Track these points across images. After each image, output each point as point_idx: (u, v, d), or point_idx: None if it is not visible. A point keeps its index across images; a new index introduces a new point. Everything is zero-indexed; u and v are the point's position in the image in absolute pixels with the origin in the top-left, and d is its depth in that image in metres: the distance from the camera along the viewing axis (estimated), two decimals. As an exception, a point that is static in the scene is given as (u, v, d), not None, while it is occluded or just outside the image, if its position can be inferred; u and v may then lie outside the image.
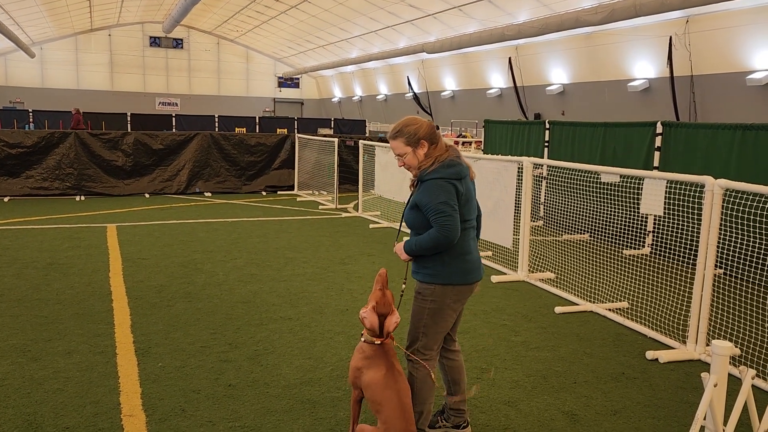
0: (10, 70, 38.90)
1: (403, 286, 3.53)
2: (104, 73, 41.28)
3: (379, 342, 3.24)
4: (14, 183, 12.89)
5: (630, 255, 8.41)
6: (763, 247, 6.22)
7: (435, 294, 3.30)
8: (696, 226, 6.15)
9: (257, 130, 20.37)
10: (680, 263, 7.59)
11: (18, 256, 7.73)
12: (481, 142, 15.39)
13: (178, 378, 4.27)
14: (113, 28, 40.92)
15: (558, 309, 6.01)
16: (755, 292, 6.24)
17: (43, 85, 39.66)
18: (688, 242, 6.95)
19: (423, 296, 3.33)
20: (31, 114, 21.10)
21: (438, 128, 3.39)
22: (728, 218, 6.30)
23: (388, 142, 3.73)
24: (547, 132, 10.93)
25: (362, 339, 3.31)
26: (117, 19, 39.41)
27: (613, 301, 6.24)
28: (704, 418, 2.46)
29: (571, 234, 9.52)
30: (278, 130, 19.71)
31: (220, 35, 43.15)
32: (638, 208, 6.61)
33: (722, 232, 5.70)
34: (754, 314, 5.76)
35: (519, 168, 7.28)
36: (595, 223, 8.78)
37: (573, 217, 9.13)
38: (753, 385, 3.54)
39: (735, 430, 2.57)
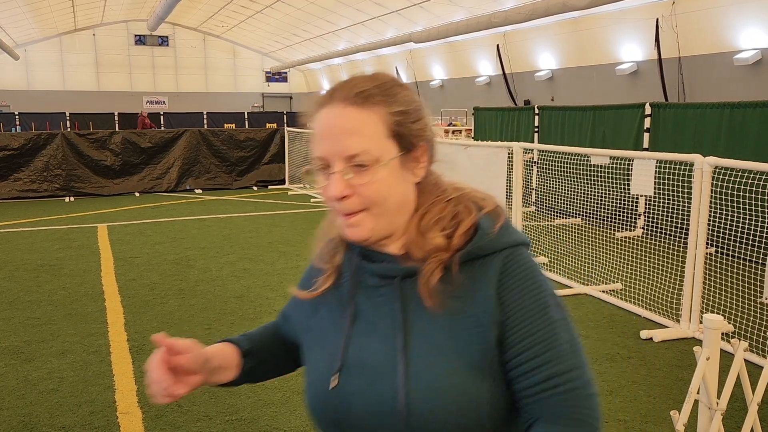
0: (-5, 74, 38.51)
1: None
2: (90, 73, 40.93)
3: None
4: (2, 186, 12.77)
5: (622, 237, 8.44)
6: (754, 224, 6.25)
7: None
8: (687, 205, 6.16)
9: (246, 126, 20.29)
10: (672, 243, 7.62)
11: (8, 258, 7.68)
12: (471, 130, 15.39)
13: (173, 374, 4.25)
14: (97, 28, 40.55)
15: (552, 292, 6.01)
16: (747, 270, 6.27)
17: (29, 88, 39.29)
18: (680, 222, 6.98)
19: None
20: (17, 117, 20.92)
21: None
22: (718, 196, 6.32)
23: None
24: (536, 117, 10.92)
25: None
26: (101, 19, 39.07)
27: (606, 283, 6.26)
28: (698, 392, 2.47)
29: (563, 218, 9.53)
30: (267, 124, 19.64)
31: (205, 31, 42.86)
32: (629, 190, 6.62)
33: (713, 211, 5.72)
34: (746, 292, 5.79)
35: (509, 153, 7.27)
36: (587, 206, 8.79)
37: (565, 201, 9.14)
38: (746, 360, 3.56)
39: (728, 404, 2.58)
